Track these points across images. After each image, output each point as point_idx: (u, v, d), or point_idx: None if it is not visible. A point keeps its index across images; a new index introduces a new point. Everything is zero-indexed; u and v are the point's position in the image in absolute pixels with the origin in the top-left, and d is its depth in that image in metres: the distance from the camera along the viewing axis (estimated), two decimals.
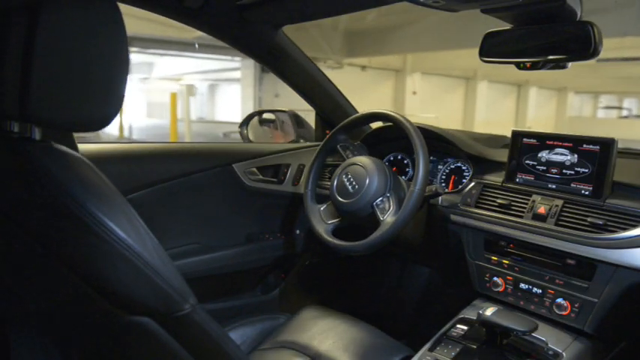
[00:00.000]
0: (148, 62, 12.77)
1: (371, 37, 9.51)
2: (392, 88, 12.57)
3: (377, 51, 10.07)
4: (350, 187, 1.25)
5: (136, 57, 10.94)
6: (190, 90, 10.41)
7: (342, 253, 1.25)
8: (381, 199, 1.21)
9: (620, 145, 1.09)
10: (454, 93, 13.71)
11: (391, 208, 1.19)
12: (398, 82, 12.48)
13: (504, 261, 1.18)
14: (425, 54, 10.36)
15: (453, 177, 1.41)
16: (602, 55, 0.94)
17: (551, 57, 1.04)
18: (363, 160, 1.27)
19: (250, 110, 1.83)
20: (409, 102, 12.21)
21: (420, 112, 11.74)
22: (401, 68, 12.21)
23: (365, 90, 11.31)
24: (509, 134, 1.26)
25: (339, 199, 1.27)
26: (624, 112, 17.57)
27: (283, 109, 1.96)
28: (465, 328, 1.13)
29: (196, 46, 9.20)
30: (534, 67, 1.07)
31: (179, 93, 10.22)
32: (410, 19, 8.07)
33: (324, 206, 1.36)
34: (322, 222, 1.33)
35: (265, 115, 1.97)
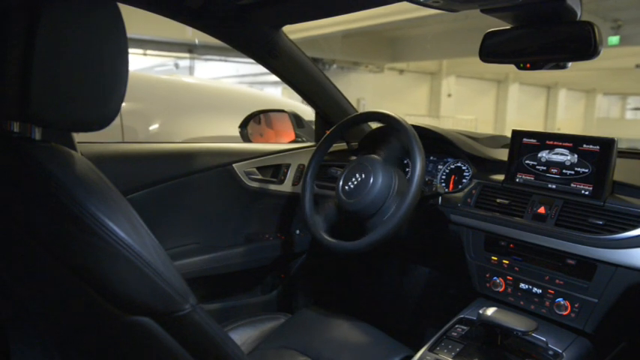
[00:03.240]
0: (190, 67, 13.02)
1: (412, 43, 10.30)
2: (428, 90, 13.08)
3: (418, 56, 10.89)
4: (354, 187, 1.25)
5: (181, 62, 11.31)
6: None
7: (339, 253, 1.25)
8: (385, 198, 1.21)
9: None
10: (486, 95, 14.02)
11: (394, 207, 1.19)
12: (434, 85, 12.97)
13: (504, 261, 1.18)
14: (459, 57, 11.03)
15: (453, 177, 1.41)
16: None
17: (551, 57, 1.04)
18: (368, 159, 1.27)
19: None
20: (444, 104, 12.66)
21: (455, 113, 12.30)
22: (437, 71, 12.70)
23: (402, 93, 12.04)
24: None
25: (344, 198, 1.26)
26: None
27: (283, 109, 1.96)
28: (465, 328, 1.13)
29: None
30: (534, 67, 1.07)
31: None
32: (451, 28, 8.74)
33: (322, 206, 1.36)
34: (319, 222, 1.33)
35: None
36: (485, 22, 1.07)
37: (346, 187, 1.27)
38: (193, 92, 2.40)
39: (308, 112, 1.95)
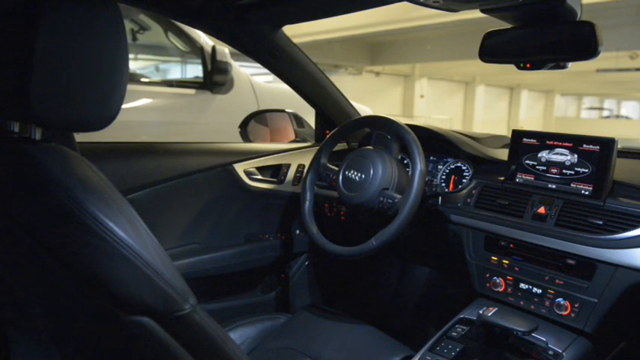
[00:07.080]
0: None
1: (390, 48, 11.08)
2: (402, 92, 13.72)
3: (395, 60, 11.67)
4: (355, 179, 1.24)
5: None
6: None
7: (336, 257, 1.25)
8: (386, 190, 1.20)
9: None
10: (456, 96, 14.80)
11: (397, 198, 1.18)
12: (407, 86, 13.62)
13: (504, 261, 1.18)
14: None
15: (453, 177, 1.41)
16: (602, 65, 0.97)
17: (551, 57, 1.04)
18: (365, 150, 1.27)
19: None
20: (417, 105, 13.29)
21: (427, 113, 13.01)
22: (410, 74, 13.35)
23: (379, 94, 12.68)
24: (502, 133, 1.26)
25: (346, 192, 1.26)
26: (605, 113, 18.43)
27: (283, 108, 1.96)
28: (465, 328, 1.13)
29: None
30: (534, 67, 1.07)
31: None
32: (425, 35, 9.35)
33: (321, 208, 1.35)
34: (317, 225, 1.33)
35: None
36: (452, 31, 1.09)
37: (347, 180, 1.26)
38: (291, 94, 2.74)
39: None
